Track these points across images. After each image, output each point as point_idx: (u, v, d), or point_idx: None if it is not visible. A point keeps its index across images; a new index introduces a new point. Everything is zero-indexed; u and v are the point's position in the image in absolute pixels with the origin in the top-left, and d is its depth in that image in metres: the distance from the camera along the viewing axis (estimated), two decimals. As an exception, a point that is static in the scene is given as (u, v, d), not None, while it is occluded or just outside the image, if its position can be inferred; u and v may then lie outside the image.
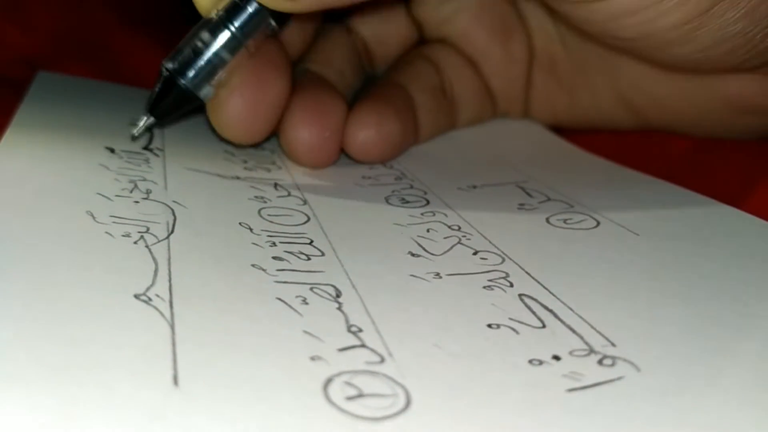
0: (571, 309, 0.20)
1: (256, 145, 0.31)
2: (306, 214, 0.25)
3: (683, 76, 0.31)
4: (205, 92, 0.27)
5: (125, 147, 0.29)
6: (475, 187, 0.29)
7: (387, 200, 0.27)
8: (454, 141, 0.34)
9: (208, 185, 0.27)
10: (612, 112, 0.35)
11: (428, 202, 0.27)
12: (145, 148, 0.29)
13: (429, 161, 0.32)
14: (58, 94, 0.34)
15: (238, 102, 0.28)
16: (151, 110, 0.28)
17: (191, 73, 0.27)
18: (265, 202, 0.26)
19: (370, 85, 0.33)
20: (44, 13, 0.45)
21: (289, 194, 0.27)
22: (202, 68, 0.27)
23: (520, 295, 0.21)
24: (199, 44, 0.27)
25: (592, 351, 0.18)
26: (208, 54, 0.27)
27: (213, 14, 0.27)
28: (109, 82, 0.39)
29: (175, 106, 0.28)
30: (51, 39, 0.43)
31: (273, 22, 0.27)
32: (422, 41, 0.36)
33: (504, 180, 0.30)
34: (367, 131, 0.30)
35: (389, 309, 0.19)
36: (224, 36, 0.27)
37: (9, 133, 0.28)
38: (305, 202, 0.26)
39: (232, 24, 0.26)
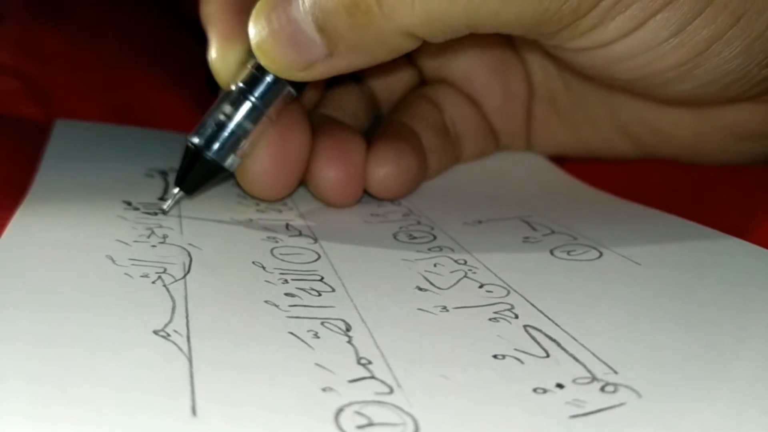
0: (574, 338, 0.21)
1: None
2: (317, 252, 0.26)
3: (684, 108, 0.32)
4: (231, 162, 0.28)
5: (142, 199, 0.30)
6: (480, 222, 0.30)
7: (395, 236, 0.28)
8: (459, 176, 0.35)
9: (222, 229, 0.28)
10: (614, 143, 0.35)
11: (435, 238, 0.28)
12: (161, 198, 0.30)
13: (435, 197, 0.33)
14: (77, 146, 0.36)
15: (266, 164, 0.29)
16: (179, 185, 0.28)
17: (216, 146, 0.27)
18: (277, 241, 0.27)
19: (377, 125, 0.34)
20: (60, 46, 0.46)
21: (300, 234, 0.28)
22: (226, 140, 0.27)
23: (524, 326, 0.21)
24: (222, 117, 0.27)
25: (594, 378, 0.19)
26: (231, 126, 0.27)
27: (232, 86, 0.27)
28: (123, 126, 0.40)
29: (203, 179, 0.28)
30: (66, 74, 0.44)
31: (292, 89, 0.28)
32: (423, 82, 0.37)
33: (508, 214, 0.31)
34: (387, 167, 0.31)
35: (398, 341, 0.20)
36: (245, 107, 0.27)
37: (32, 191, 0.29)
38: (316, 241, 0.27)
39: (252, 95, 0.27)
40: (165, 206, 0.28)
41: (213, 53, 0.28)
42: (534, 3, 0.24)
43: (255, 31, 0.26)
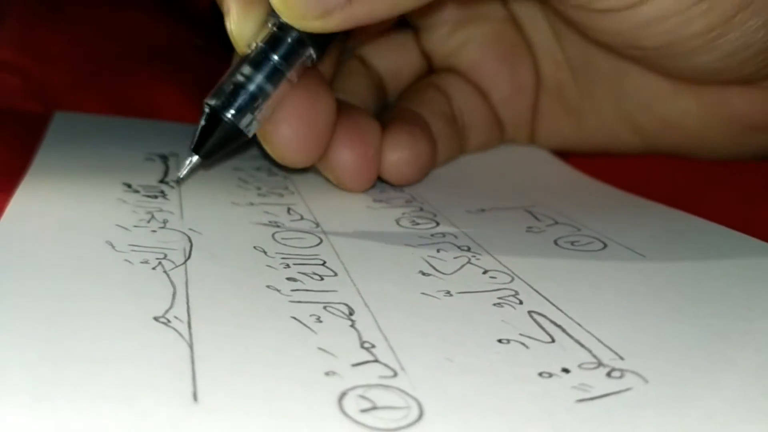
0: (579, 325, 0.20)
1: (300, 170, 0.32)
2: (318, 237, 0.26)
3: (691, 95, 0.32)
4: (251, 126, 0.27)
5: (142, 182, 0.29)
6: (483, 210, 0.30)
7: (398, 222, 0.28)
8: (462, 166, 0.35)
9: (222, 213, 0.27)
10: (619, 135, 0.35)
11: (438, 224, 0.28)
12: (161, 181, 0.30)
13: (438, 185, 0.32)
14: (76, 134, 0.35)
15: (295, 126, 0.28)
16: (196, 150, 0.27)
17: (234, 108, 0.26)
18: (278, 226, 0.27)
19: (387, 112, 0.33)
20: (59, 43, 0.46)
21: (302, 218, 0.28)
22: (245, 102, 0.26)
23: (529, 312, 0.21)
24: (241, 78, 0.26)
25: (600, 364, 0.19)
26: (251, 87, 0.26)
27: (251, 47, 0.26)
28: (123, 117, 0.40)
29: (221, 144, 0.27)
30: (66, 70, 0.44)
31: (313, 53, 0.27)
32: (431, 70, 0.36)
33: (512, 204, 0.30)
34: (402, 152, 0.30)
35: (401, 325, 0.20)
36: (266, 68, 0.26)
37: (30, 173, 0.29)
38: (318, 225, 0.27)
39: (273, 56, 0.26)
40: (181, 173, 0.27)
41: (233, 17, 0.27)
42: None
43: None
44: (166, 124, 0.40)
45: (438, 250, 0.25)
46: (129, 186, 0.29)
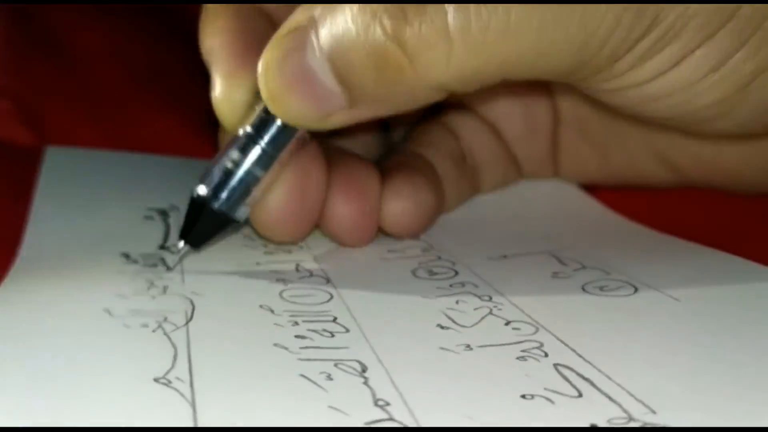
0: (608, 377, 0.21)
1: None
2: (329, 292, 0.26)
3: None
4: (241, 213, 0.27)
5: (141, 249, 0.30)
6: (505, 256, 0.30)
7: (414, 273, 0.28)
8: (481, 207, 0.35)
9: (227, 273, 0.28)
10: (649, 171, 0.35)
11: (457, 273, 0.28)
12: (161, 247, 0.30)
13: (457, 231, 0.33)
14: (70, 180, 0.36)
15: (283, 207, 0.28)
16: (185, 239, 0.27)
17: (224, 196, 0.27)
18: (286, 284, 0.27)
19: (390, 155, 0.34)
20: (51, 68, 0.46)
21: (312, 274, 0.28)
22: (234, 189, 0.27)
23: (555, 365, 0.21)
24: (230, 165, 0.27)
25: (631, 419, 0.19)
26: (240, 173, 0.27)
27: (240, 131, 0.27)
28: (118, 152, 0.40)
29: (211, 232, 0.28)
30: (58, 96, 0.44)
31: (306, 132, 0.27)
32: (440, 106, 0.36)
33: (536, 249, 0.31)
34: (404, 203, 0.30)
35: (418, 382, 0.20)
36: (255, 153, 0.27)
37: (26, 243, 0.29)
38: (328, 281, 0.27)
39: (262, 140, 0.27)
40: (171, 264, 0.28)
41: (217, 93, 0.28)
42: (570, 54, 0.24)
43: (265, 80, 0.25)
44: (165, 160, 0.40)
45: (457, 302, 0.26)
46: (127, 257, 0.29)
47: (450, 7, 0.23)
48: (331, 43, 0.24)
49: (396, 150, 0.34)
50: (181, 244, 0.28)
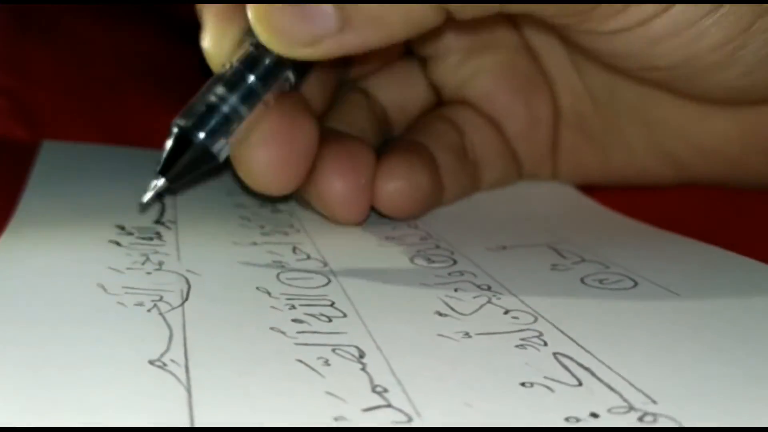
0: (609, 367, 0.20)
1: (278, 199, 0.32)
2: (327, 277, 0.26)
3: (727, 117, 0.32)
4: (222, 150, 0.27)
5: (136, 223, 0.30)
6: (504, 248, 0.30)
7: (412, 260, 0.28)
8: (481, 201, 0.35)
9: (223, 253, 0.28)
10: (650, 167, 0.35)
11: (455, 262, 0.28)
12: (157, 221, 0.30)
13: (455, 222, 0.32)
14: (65, 168, 0.36)
15: (272, 152, 0.27)
16: (162, 172, 0.27)
17: (206, 130, 0.26)
18: (283, 266, 0.27)
19: (390, 143, 0.33)
20: (47, 63, 0.46)
21: (309, 257, 0.28)
22: (217, 124, 0.26)
23: (554, 354, 0.21)
24: (214, 99, 0.26)
25: (631, 408, 0.18)
26: (224, 109, 0.26)
27: (227, 66, 0.27)
28: (114, 146, 0.40)
29: (190, 168, 0.27)
30: (54, 91, 0.44)
31: (291, 76, 0.27)
32: (440, 103, 0.36)
33: (535, 241, 0.30)
34: (398, 182, 0.30)
35: (416, 369, 0.20)
36: (241, 89, 0.26)
37: (18, 213, 0.29)
38: (326, 265, 0.27)
39: (249, 76, 0.26)
40: (144, 198, 0.27)
41: (206, 37, 0.27)
42: None
43: (255, 1, 0.25)
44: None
45: (456, 290, 0.25)
46: (122, 228, 0.29)
47: None
48: None
49: (394, 140, 0.34)
50: (159, 180, 0.27)
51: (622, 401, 0.19)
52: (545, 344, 0.22)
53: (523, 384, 0.19)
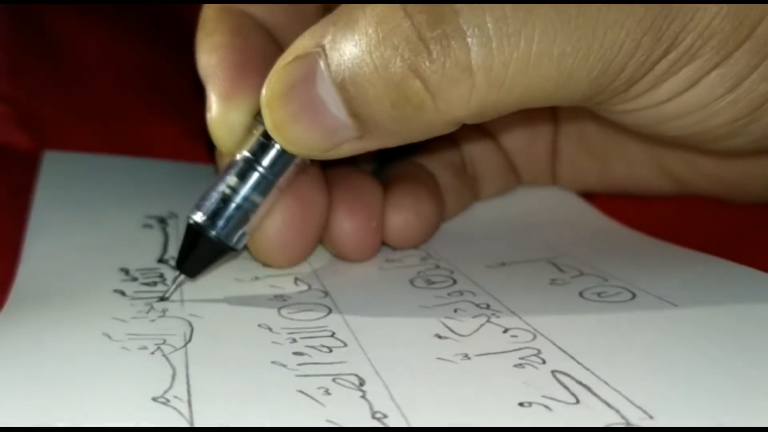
0: (606, 383, 0.21)
1: None
2: (327, 306, 0.26)
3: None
4: (238, 241, 0.26)
5: (140, 263, 0.30)
6: (504, 264, 0.30)
7: (412, 282, 0.28)
8: (480, 215, 0.35)
9: (225, 292, 0.28)
10: (650, 181, 0.35)
11: (455, 282, 0.28)
12: (160, 260, 0.30)
13: (455, 239, 0.33)
14: (68, 186, 0.36)
15: (283, 233, 0.28)
16: (180, 268, 0.27)
17: (221, 223, 0.26)
18: (284, 300, 0.27)
19: (390, 166, 0.33)
20: (50, 73, 0.46)
21: (310, 288, 0.28)
22: (232, 216, 0.26)
23: (552, 372, 0.21)
24: (227, 191, 0.26)
25: (628, 424, 0.19)
26: (238, 200, 0.26)
27: (237, 156, 0.26)
28: (117, 156, 0.40)
29: (208, 261, 0.27)
30: (57, 100, 0.44)
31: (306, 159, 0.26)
32: None
33: (534, 256, 0.31)
34: (406, 214, 0.30)
35: (415, 393, 0.20)
36: (253, 178, 0.26)
37: (23, 260, 0.30)
38: (326, 294, 0.27)
39: (261, 165, 0.26)
40: (166, 293, 0.27)
41: (213, 114, 0.27)
42: (589, 81, 0.23)
43: (270, 110, 0.25)
44: (164, 165, 0.40)
45: (455, 310, 0.26)
46: (126, 272, 0.29)
47: (473, 42, 0.22)
48: (343, 75, 0.23)
49: (396, 159, 0.34)
50: (177, 273, 0.27)
51: (619, 418, 0.19)
52: (543, 362, 0.22)
53: (521, 404, 0.20)
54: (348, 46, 0.23)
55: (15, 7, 0.51)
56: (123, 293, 0.28)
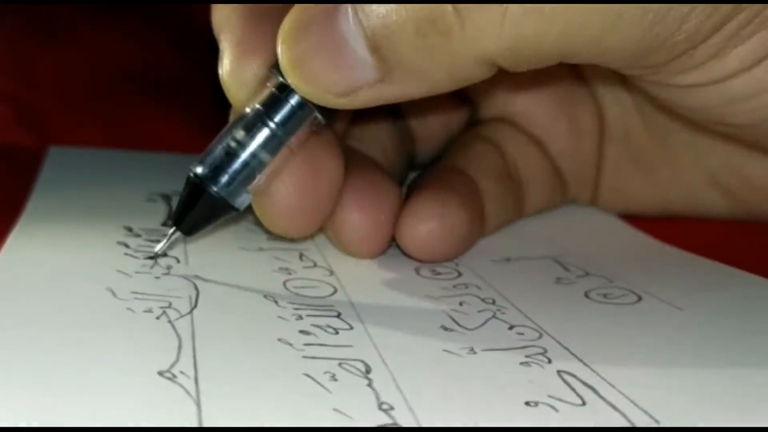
0: (612, 385, 0.21)
1: None
2: (333, 286, 0.26)
3: None
4: (241, 200, 0.25)
5: (143, 224, 0.30)
6: (509, 259, 0.30)
7: (417, 271, 0.28)
8: None
9: (230, 258, 0.28)
10: (699, 194, 0.33)
11: (460, 274, 0.28)
12: (164, 223, 0.30)
13: None
14: (72, 171, 0.36)
15: (293, 199, 0.26)
16: (177, 223, 0.25)
17: (224, 179, 0.24)
18: (290, 273, 0.27)
19: (425, 172, 0.32)
20: (52, 69, 0.46)
21: (315, 265, 0.28)
22: (236, 172, 0.24)
23: (558, 372, 0.21)
24: (233, 144, 0.24)
25: (634, 428, 0.19)
26: (244, 155, 0.24)
27: (248, 108, 0.25)
28: (121, 150, 0.41)
29: (206, 219, 0.25)
30: (60, 97, 0.44)
31: (320, 116, 0.25)
32: (475, 121, 0.34)
33: (540, 254, 0.31)
34: (429, 224, 0.28)
35: (422, 386, 0.20)
36: (263, 134, 0.24)
37: (25, 215, 0.29)
38: (332, 273, 0.27)
39: (272, 120, 0.24)
40: (157, 248, 0.26)
41: (226, 66, 0.25)
42: (643, 29, 0.21)
43: (287, 45, 0.23)
44: (168, 157, 0.40)
45: (461, 303, 0.26)
46: (130, 230, 0.29)
47: None
48: (367, 6, 0.22)
49: (430, 166, 0.32)
50: (172, 229, 0.26)
51: (625, 421, 0.19)
52: (549, 361, 0.22)
53: (527, 403, 0.20)
54: None
55: (19, 6, 0.51)
56: (126, 245, 0.28)
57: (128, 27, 0.53)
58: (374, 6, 0.22)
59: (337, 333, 0.23)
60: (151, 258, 0.26)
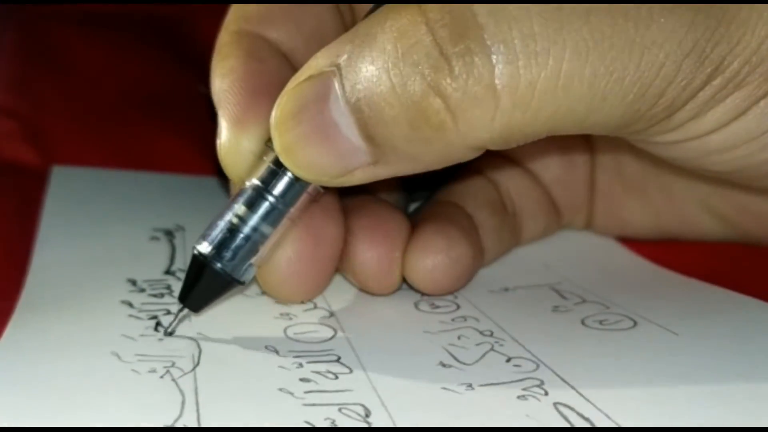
0: (607, 416, 0.21)
1: None
2: (333, 328, 0.27)
3: None
4: (246, 274, 0.25)
5: (147, 274, 0.30)
6: (507, 289, 0.30)
7: (416, 306, 0.29)
8: None
9: (233, 308, 0.28)
10: (692, 219, 0.33)
11: (459, 307, 0.28)
12: (167, 272, 0.31)
13: None
14: (76, 200, 0.37)
15: (294, 266, 0.27)
16: (184, 301, 0.26)
17: (228, 255, 0.25)
18: (290, 318, 0.27)
19: (422, 207, 0.32)
20: (55, 87, 0.47)
21: (316, 306, 0.28)
22: (239, 248, 0.25)
23: (555, 404, 0.22)
24: (235, 220, 0.25)
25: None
26: (246, 230, 0.25)
27: (246, 183, 0.25)
28: (124, 171, 0.41)
29: (213, 294, 0.26)
30: (62, 115, 0.45)
31: (319, 186, 0.25)
32: None
33: (537, 282, 0.31)
34: (436, 257, 0.28)
35: (420, 425, 0.20)
36: (263, 208, 0.25)
37: (31, 272, 0.30)
38: (332, 314, 0.28)
39: (271, 194, 0.25)
40: (169, 327, 0.26)
41: (222, 140, 0.26)
42: (624, 106, 0.22)
43: (279, 132, 0.23)
44: (171, 178, 0.41)
45: (459, 337, 0.26)
46: (134, 283, 0.29)
47: (498, 59, 0.21)
48: (358, 95, 0.22)
49: (428, 201, 0.32)
50: (180, 308, 0.26)
51: (620, 453, 0.19)
52: (546, 394, 0.22)
53: (523, 439, 0.20)
54: (364, 64, 0.22)
55: (22, 23, 0.51)
56: (130, 304, 0.28)
57: (132, 45, 0.53)
58: (366, 94, 0.22)
59: (336, 378, 0.23)
60: (165, 332, 0.26)
